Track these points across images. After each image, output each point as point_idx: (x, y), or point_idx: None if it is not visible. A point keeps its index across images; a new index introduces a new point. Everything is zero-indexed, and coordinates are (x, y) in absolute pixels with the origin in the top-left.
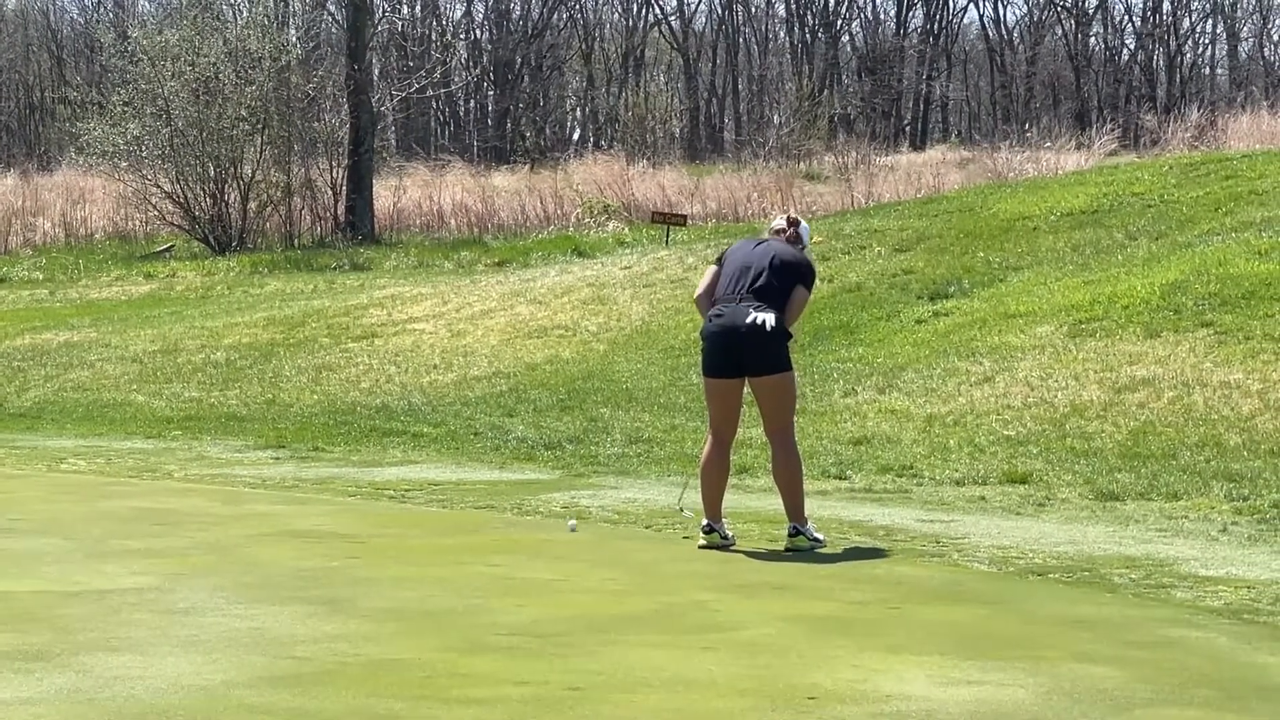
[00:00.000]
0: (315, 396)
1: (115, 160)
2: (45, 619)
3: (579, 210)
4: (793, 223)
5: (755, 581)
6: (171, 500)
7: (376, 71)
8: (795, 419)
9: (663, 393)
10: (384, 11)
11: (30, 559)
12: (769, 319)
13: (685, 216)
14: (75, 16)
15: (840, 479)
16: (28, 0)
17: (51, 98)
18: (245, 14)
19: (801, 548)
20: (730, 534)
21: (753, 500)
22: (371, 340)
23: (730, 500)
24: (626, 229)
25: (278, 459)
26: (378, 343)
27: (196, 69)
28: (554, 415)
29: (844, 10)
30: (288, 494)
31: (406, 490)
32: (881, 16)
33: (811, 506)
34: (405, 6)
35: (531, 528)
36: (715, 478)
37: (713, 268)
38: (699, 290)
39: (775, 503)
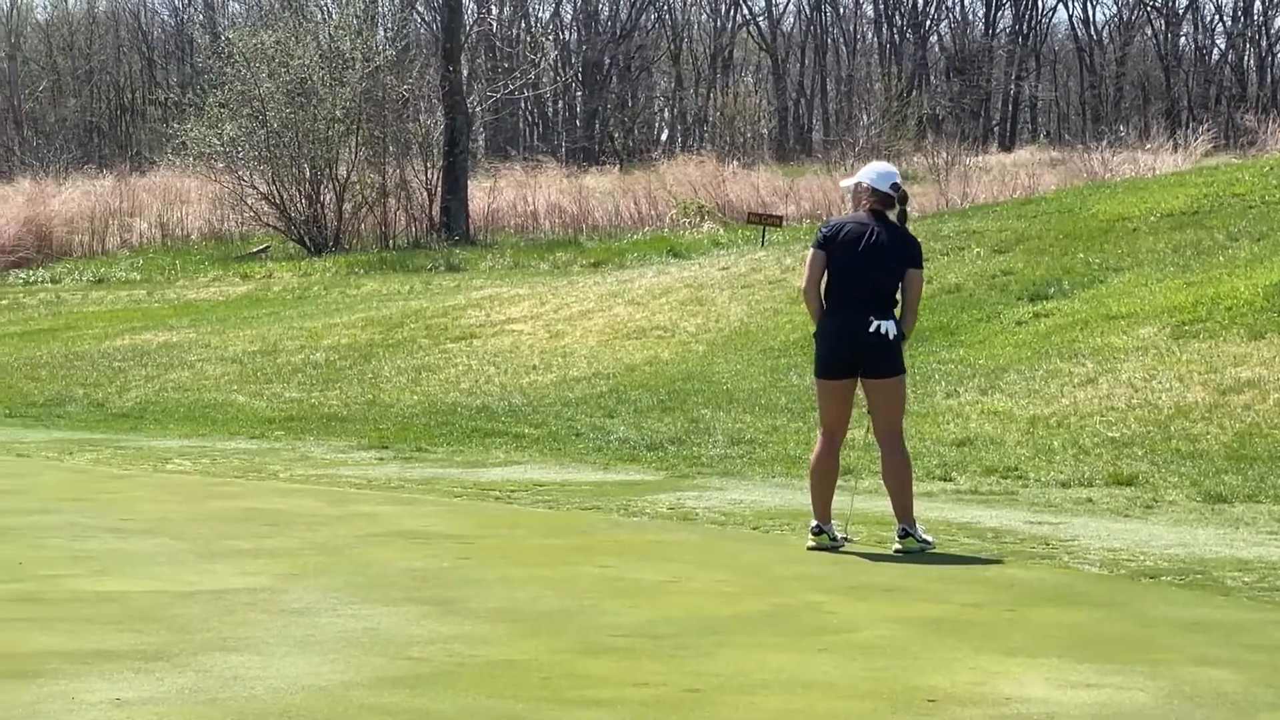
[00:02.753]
0: (415, 397)
1: (211, 161)
2: (162, 619)
3: (674, 211)
4: (902, 199)
5: (866, 583)
6: (279, 501)
7: (466, 72)
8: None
9: (763, 394)
10: (477, 13)
11: (143, 559)
12: (891, 328)
13: (781, 217)
14: (166, 18)
15: (945, 480)
16: (119, 2)
17: (142, 99)
18: (336, 16)
19: (911, 549)
20: (839, 535)
21: (859, 501)
22: (470, 341)
23: (837, 501)
24: (721, 230)
25: (381, 459)
26: (476, 343)
27: (291, 70)
28: (655, 416)
29: (932, 10)
30: (394, 494)
31: (512, 491)
32: (970, 17)
33: (919, 508)
34: (495, 8)
35: (639, 529)
36: (827, 479)
37: (818, 253)
38: (805, 282)
39: (882, 504)
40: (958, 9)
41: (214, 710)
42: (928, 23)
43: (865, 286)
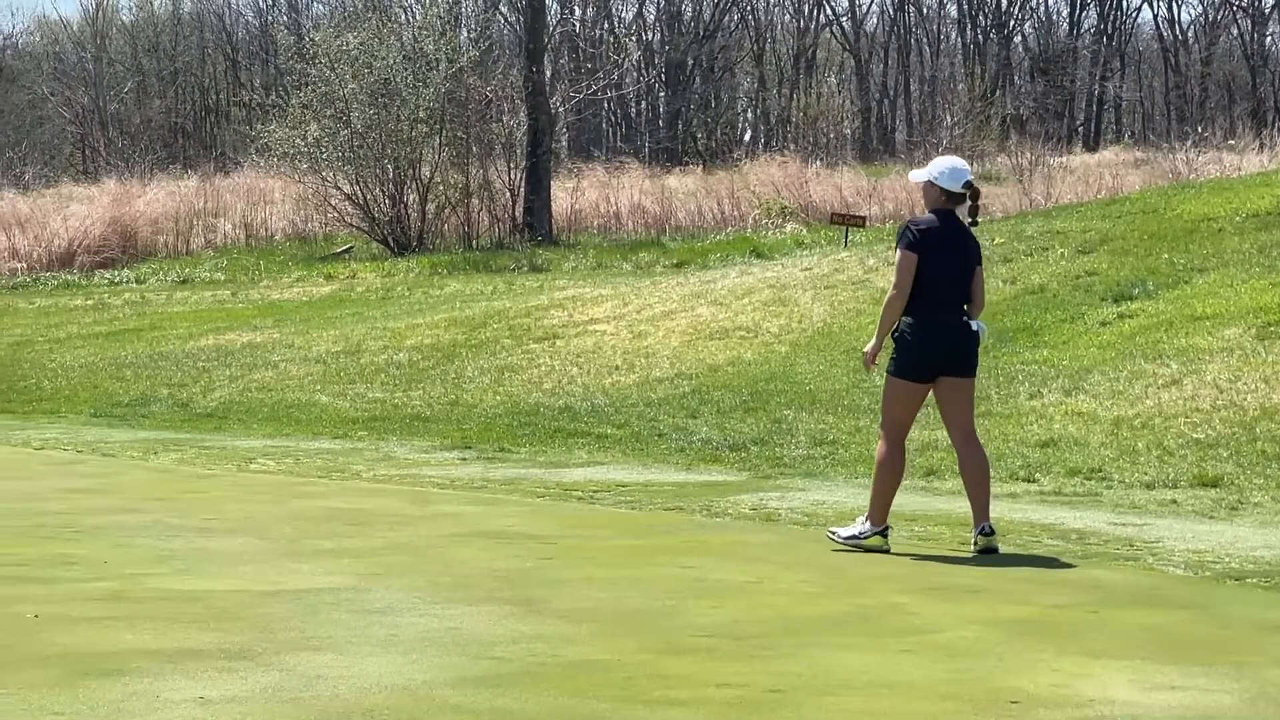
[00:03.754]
0: (498, 397)
1: (295, 162)
2: (245, 618)
3: (756, 212)
4: (974, 195)
5: (949, 584)
6: (362, 500)
7: (549, 72)
8: None
9: (846, 395)
10: (560, 14)
11: (227, 559)
12: (983, 328)
13: (864, 218)
14: (250, 19)
15: (1029, 481)
16: (203, 3)
17: (226, 100)
18: (419, 17)
19: (996, 547)
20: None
21: (940, 502)
22: (553, 341)
23: (918, 502)
24: (805, 230)
25: (464, 459)
26: (559, 344)
27: (374, 71)
28: (738, 417)
29: (1016, 11)
30: (476, 494)
31: (594, 491)
32: (1054, 17)
33: (1002, 509)
34: (579, 8)
35: (721, 529)
36: (899, 480)
37: (911, 255)
38: (898, 285)
39: (964, 505)
40: (1042, 9)
41: (297, 709)
42: (1011, 23)
43: (957, 288)
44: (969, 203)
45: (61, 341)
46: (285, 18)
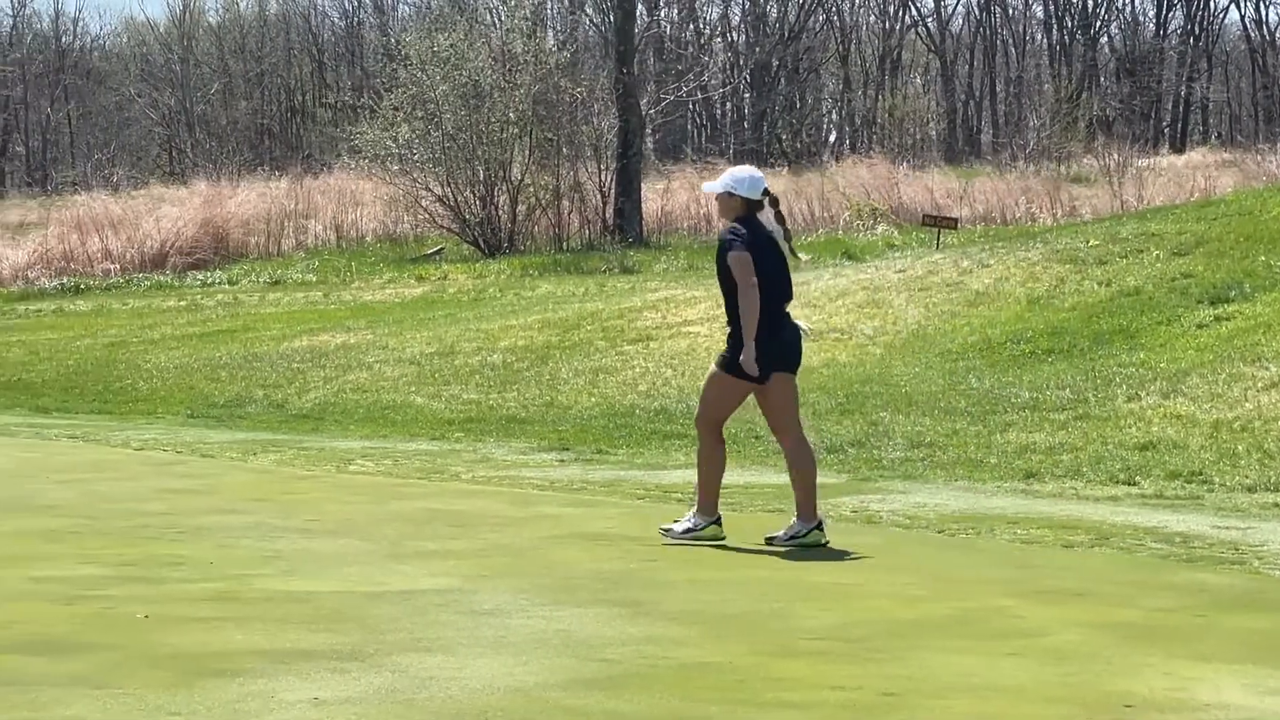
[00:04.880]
0: (593, 399)
1: (387, 163)
2: (354, 619)
3: (847, 213)
4: (774, 202)
5: (1053, 587)
6: (461, 502)
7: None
8: None
9: (942, 397)
10: (650, 16)
11: (331, 560)
12: (805, 327)
13: (956, 220)
14: (336, 21)
15: (1129, 485)
16: (290, 4)
17: (313, 101)
18: (507, 19)
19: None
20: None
21: (1042, 505)
22: (647, 343)
23: (1019, 505)
24: (896, 232)
25: (562, 461)
26: (653, 345)
27: (464, 73)
28: (834, 419)
29: (1102, 12)
30: (576, 496)
31: (694, 494)
32: (1140, 18)
33: (1104, 512)
34: (663, 9)
35: (825, 531)
36: (723, 469)
37: (748, 255)
38: (752, 282)
39: (1066, 507)
40: (1128, 10)
41: (411, 711)
42: (1097, 24)
43: (783, 289)
44: (771, 209)
45: (156, 342)
46: (371, 19)
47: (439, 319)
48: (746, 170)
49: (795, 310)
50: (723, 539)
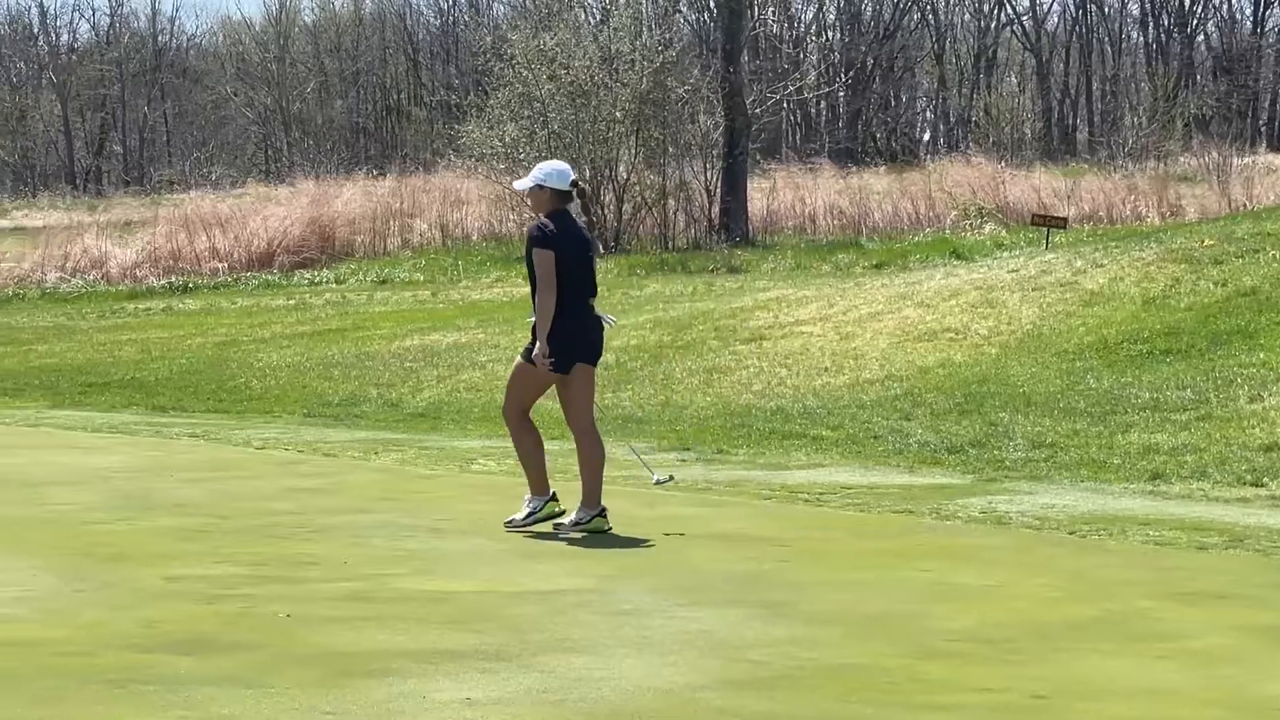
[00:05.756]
0: (708, 399)
1: (493, 162)
2: (496, 619)
3: (954, 213)
4: (581, 193)
5: (1193, 590)
6: None
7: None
8: None
9: (1061, 397)
10: (756, 15)
11: (464, 559)
12: (611, 319)
13: (1066, 219)
14: (431, 19)
15: (1256, 486)
16: (385, 3)
17: (408, 100)
18: (615, 19)
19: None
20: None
21: (1173, 506)
22: (760, 343)
23: (1149, 506)
24: (1004, 231)
25: (684, 461)
26: (766, 345)
27: (571, 72)
28: (952, 419)
29: (1199, 9)
30: (702, 496)
31: (820, 493)
32: (1238, 15)
33: (1234, 514)
34: (757, 8)
35: (954, 532)
36: (541, 448)
37: (551, 253)
38: (550, 281)
39: (1197, 509)
40: (1225, 7)
41: (564, 711)
42: (1194, 22)
43: (588, 282)
44: (577, 200)
45: (266, 341)
46: (466, 17)
47: None
48: (553, 164)
49: (914, 311)
50: (561, 513)
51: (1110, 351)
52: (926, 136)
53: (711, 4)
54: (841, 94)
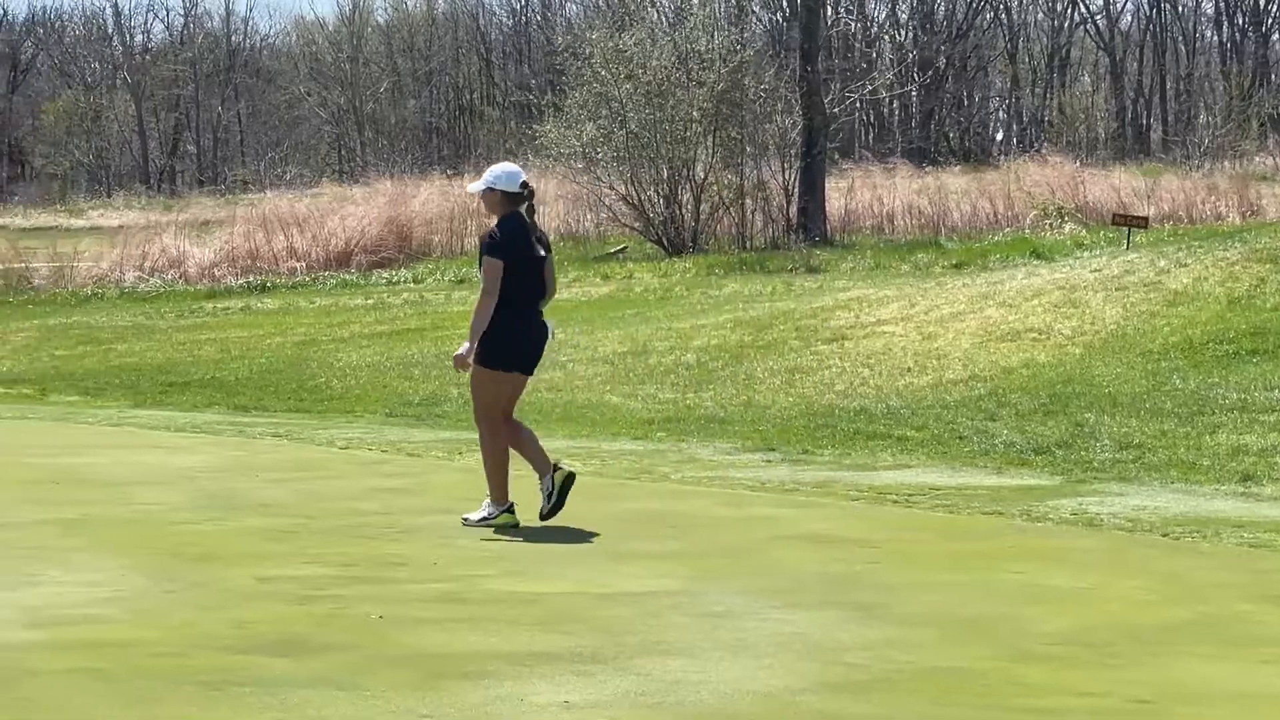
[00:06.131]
0: (790, 399)
1: (571, 162)
2: (588, 621)
3: (1034, 212)
4: (530, 194)
5: None
6: (675, 503)
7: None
8: None
9: (1147, 398)
10: (835, 15)
11: (553, 560)
12: (552, 327)
13: (1147, 219)
14: (504, 19)
15: None
16: (457, 3)
17: (481, 100)
18: (693, 18)
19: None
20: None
21: (1265, 509)
22: (841, 343)
23: (1242, 509)
24: (1084, 231)
25: (769, 462)
26: (848, 345)
27: (649, 72)
28: (1037, 420)
29: (1274, 9)
30: (789, 497)
31: (909, 495)
32: None
33: None
34: (835, 7)
35: (1044, 534)
36: (507, 458)
37: (498, 263)
38: (491, 290)
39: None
40: None
41: (662, 714)
42: (1269, 20)
43: (536, 287)
44: (527, 201)
45: (345, 341)
46: (539, 17)
47: (629, 318)
48: (504, 166)
49: (996, 311)
50: (516, 525)
51: (1196, 352)
52: (999, 136)
53: (785, 3)
54: (914, 93)
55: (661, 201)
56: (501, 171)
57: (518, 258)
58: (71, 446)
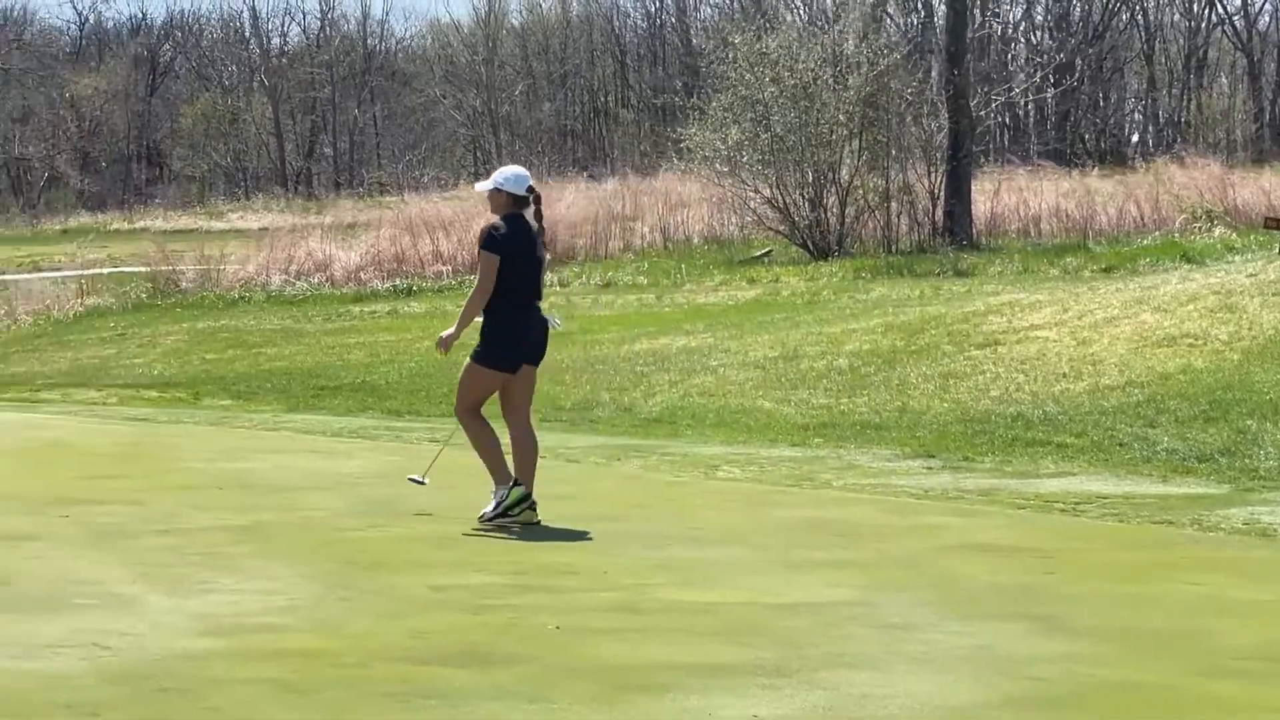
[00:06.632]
0: (945, 404)
1: (716, 165)
2: (767, 632)
3: (1183, 215)
4: (536, 199)
5: None
6: (839, 510)
7: (935, 72)
8: None
9: None
10: (981, 17)
11: (724, 569)
12: (554, 319)
13: None
14: (638, 22)
15: None
16: (592, 6)
17: (615, 102)
18: (840, 20)
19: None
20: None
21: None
22: (994, 348)
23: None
24: (1234, 235)
25: (930, 469)
26: (1001, 350)
27: (795, 75)
28: (1198, 427)
29: None
30: (955, 505)
31: (1076, 503)
32: None
33: None
34: (980, 11)
35: (1218, 545)
36: (498, 442)
37: (494, 257)
38: (485, 284)
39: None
40: None
41: None
42: None
43: (534, 284)
44: (533, 205)
45: None
46: (673, 20)
47: (777, 322)
48: (512, 169)
49: (1150, 316)
50: (528, 494)
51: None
52: (1135, 138)
53: (919, 5)
54: (1050, 95)
55: (807, 205)
56: (510, 174)
57: (518, 254)
58: (231, 451)
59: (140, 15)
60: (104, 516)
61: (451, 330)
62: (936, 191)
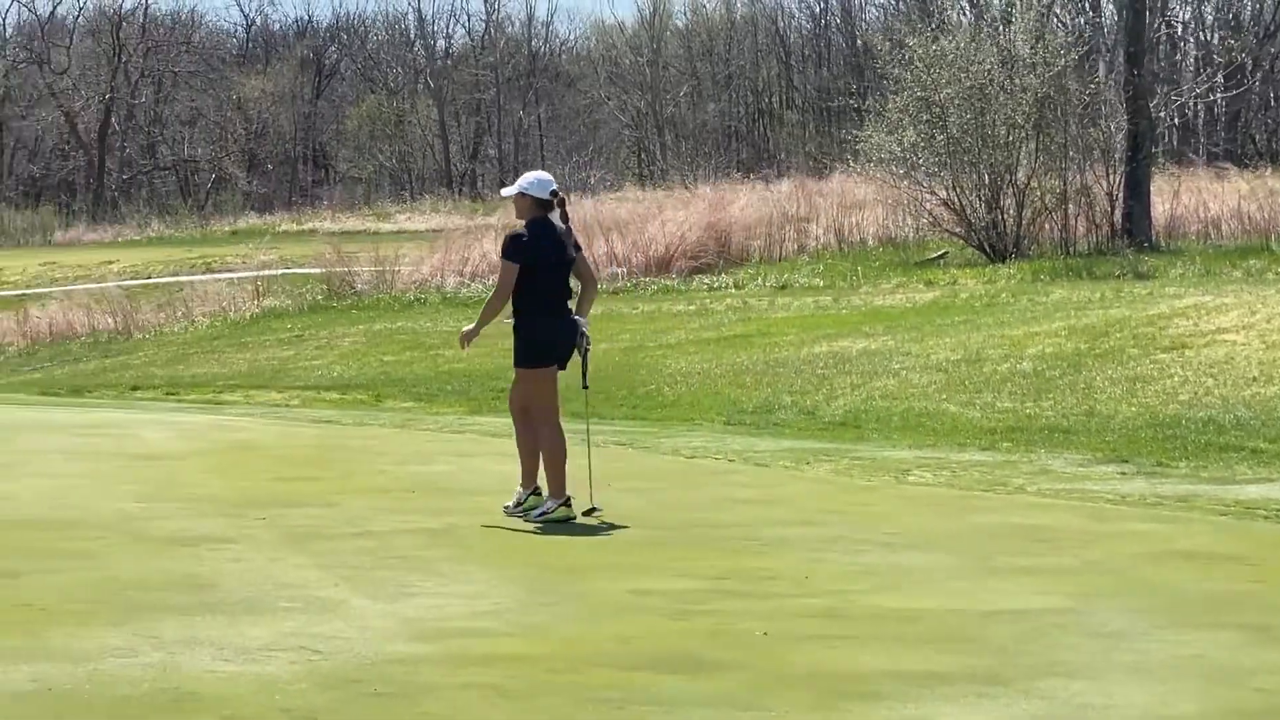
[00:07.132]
0: (1133, 409)
1: (892, 167)
2: (975, 639)
3: None
4: (561, 202)
5: None
6: (1037, 516)
7: (1102, 72)
8: None
9: None
10: (1162, 16)
11: (924, 575)
12: (583, 323)
13: None
14: (803, 23)
15: None
16: (757, 7)
17: (780, 103)
18: (1015, 20)
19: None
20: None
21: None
22: (1181, 351)
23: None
24: None
25: (1124, 474)
26: (1188, 353)
27: (971, 76)
28: None
29: None
30: (1154, 511)
31: (1279, 510)
32: None
33: None
34: (1159, 10)
35: None
36: (565, 454)
37: (514, 266)
38: (503, 290)
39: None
40: None
41: None
42: None
43: (563, 287)
44: (558, 208)
45: (672, 347)
46: (838, 20)
47: (957, 325)
48: (537, 174)
49: None
50: (572, 518)
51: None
52: None
53: (1086, 5)
54: (1219, 95)
55: (983, 206)
56: (535, 179)
57: (541, 260)
58: (419, 454)
59: (306, 18)
60: (300, 519)
61: (471, 327)
62: (1115, 193)
